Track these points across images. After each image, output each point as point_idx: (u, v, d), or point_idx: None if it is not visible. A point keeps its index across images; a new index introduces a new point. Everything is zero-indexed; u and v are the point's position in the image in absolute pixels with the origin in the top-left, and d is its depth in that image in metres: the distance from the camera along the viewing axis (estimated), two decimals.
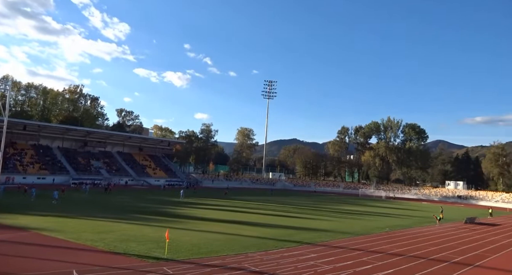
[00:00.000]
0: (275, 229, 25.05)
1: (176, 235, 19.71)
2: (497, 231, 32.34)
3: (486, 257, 19.62)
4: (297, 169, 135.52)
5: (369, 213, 41.69)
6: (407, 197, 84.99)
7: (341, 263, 15.88)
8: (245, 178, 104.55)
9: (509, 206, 67.46)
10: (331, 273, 14.14)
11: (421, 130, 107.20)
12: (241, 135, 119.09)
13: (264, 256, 16.48)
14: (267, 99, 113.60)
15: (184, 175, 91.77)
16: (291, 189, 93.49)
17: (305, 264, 15.43)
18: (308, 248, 19.16)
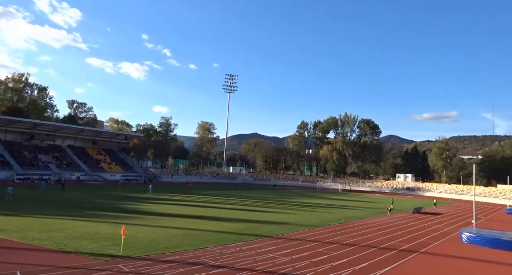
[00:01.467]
0: (236, 223, 25.14)
1: (133, 231, 19.09)
2: (440, 219, 35.01)
3: (429, 244, 21.20)
4: (257, 163, 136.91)
5: (326, 206, 43.21)
6: (361, 189, 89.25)
7: (298, 255, 16.32)
8: (205, 172, 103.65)
9: (451, 197, 73.36)
10: (288, 264, 14.49)
11: (375, 126, 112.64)
12: (201, 129, 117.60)
13: (223, 250, 16.49)
14: (228, 93, 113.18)
15: (141, 170, 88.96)
16: (252, 183, 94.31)
17: (264, 256, 15.66)
18: (267, 241, 19.47)
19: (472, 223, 27.80)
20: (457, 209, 48.00)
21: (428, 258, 17.65)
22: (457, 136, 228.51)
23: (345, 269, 14.25)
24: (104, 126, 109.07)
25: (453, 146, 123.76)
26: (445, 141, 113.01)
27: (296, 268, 14.02)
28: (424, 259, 17.35)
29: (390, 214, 35.74)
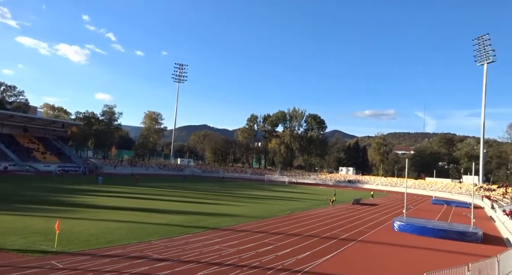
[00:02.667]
0: (182, 216, 24.69)
1: (70, 226, 17.86)
2: (376, 210, 37.72)
3: (366, 233, 22.76)
4: (206, 155, 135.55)
5: (273, 198, 44.26)
6: (307, 182, 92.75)
7: (245, 246, 16.53)
8: (151, 164, 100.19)
9: (386, 189, 79.37)
10: (234, 255, 14.61)
11: (321, 121, 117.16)
12: (148, 119, 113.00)
13: (169, 243, 16.12)
14: (177, 83, 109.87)
15: (81, 160, 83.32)
16: (200, 175, 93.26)
17: (210, 248, 15.61)
18: (214, 233, 19.42)
19: (403, 212, 30.34)
20: (391, 200, 52.04)
21: (364, 245, 18.93)
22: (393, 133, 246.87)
23: (289, 258, 14.74)
24: (37, 113, 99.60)
25: (389, 142, 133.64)
26: (383, 137, 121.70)
27: (242, 259, 14.18)
28: (361, 246, 18.58)
29: (333, 205, 37.65)
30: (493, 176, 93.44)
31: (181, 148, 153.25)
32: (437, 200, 53.31)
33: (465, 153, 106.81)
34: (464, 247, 19.99)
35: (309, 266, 13.79)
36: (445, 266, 10.94)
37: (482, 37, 74.51)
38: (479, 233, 22.87)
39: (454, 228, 23.92)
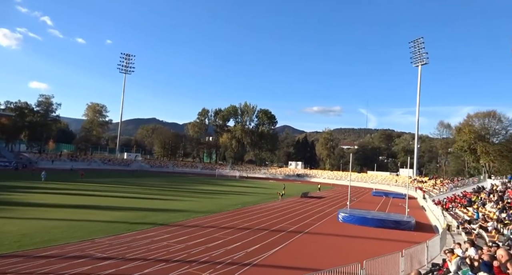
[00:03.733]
0: (129, 212, 23.68)
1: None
2: (322, 202, 39.45)
3: (313, 225, 23.72)
4: (155, 150, 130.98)
5: (224, 192, 44.21)
6: (257, 176, 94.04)
7: (194, 241, 16.34)
8: (95, 158, 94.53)
9: (332, 182, 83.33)
10: (183, 251, 14.38)
11: (272, 116, 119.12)
12: (91, 111, 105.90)
13: (114, 241, 15.39)
14: (124, 74, 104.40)
15: (12, 155, 75.99)
16: (148, 170, 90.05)
17: (158, 245, 15.20)
18: (162, 229, 18.92)
19: (347, 204, 32.09)
20: (336, 193, 54.77)
21: (310, 237, 19.72)
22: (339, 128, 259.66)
23: (239, 251, 14.87)
24: None
25: (336, 137, 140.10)
26: (329, 133, 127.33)
27: (191, 254, 14.01)
28: (307, 238, 19.33)
29: (282, 199, 38.62)
30: (425, 169, 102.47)
31: (128, 142, 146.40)
32: (377, 192, 57.23)
33: (402, 148, 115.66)
34: (399, 235, 21.72)
35: (258, 259, 14.03)
36: (382, 253, 11.77)
37: (417, 40, 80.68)
38: (412, 221, 25.00)
39: (391, 218, 25.87)
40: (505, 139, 65.52)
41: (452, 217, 24.78)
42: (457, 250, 10.39)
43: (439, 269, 10.54)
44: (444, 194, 41.97)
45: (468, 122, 68.87)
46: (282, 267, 13.35)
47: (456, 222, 21.93)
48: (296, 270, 12.83)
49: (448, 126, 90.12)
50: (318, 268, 9.85)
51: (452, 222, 22.35)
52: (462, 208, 27.83)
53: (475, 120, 68.60)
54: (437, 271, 10.40)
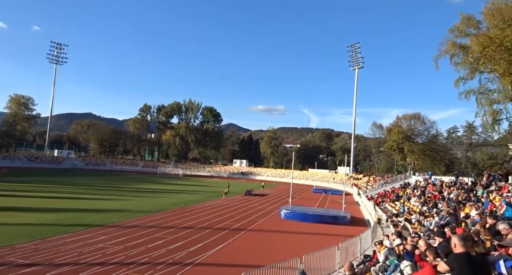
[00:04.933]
0: (60, 213, 21.83)
1: None
2: (266, 200, 40.23)
3: (256, 222, 24.09)
4: (91, 147, 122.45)
5: (167, 191, 42.91)
6: (202, 174, 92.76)
7: (133, 242, 15.62)
8: (19, 155, 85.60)
9: (276, 179, 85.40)
10: (121, 253, 13.66)
11: (217, 114, 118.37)
12: (15, 104, 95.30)
13: (40, 245, 14.09)
14: (55, 65, 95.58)
15: None
16: (84, 168, 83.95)
17: (93, 247, 14.25)
18: (98, 230, 17.78)
19: (289, 201, 33.13)
20: (279, 190, 56.23)
21: (253, 234, 20.01)
22: (283, 127, 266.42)
23: (181, 251, 14.55)
24: None
25: (279, 136, 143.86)
26: (273, 131, 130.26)
27: (130, 255, 13.37)
28: (250, 235, 19.58)
29: (226, 197, 38.60)
30: (360, 167, 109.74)
31: (60, 138, 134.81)
32: (317, 189, 59.94)
33: (340, 147, 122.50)
34: (337, 229, 22.99)
35: (201, 257, 13.87)
36: (320, 247, 12.36)
37: (354, 45, 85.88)
38: (348, 216, 26.64)
39: (329, 213, 27.30)
40: (427, 139, 72.76)
41: (382, 211, 26.90)
42: (386, 241, 11.28)
43: (370, 260, 11.36)
44: (376, 190, 45.37)
45: (397, 123, 75.16)
46: (224, 265, 13.35)
47: (385, 215, 23.82)
48: (238, 267, 12.90)
49: (380, 127, 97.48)
50: (260, 264, 10.01)
51: (382, 216, 24.25)
52: (391, 202, 30.31)
53: (403, 122, 75.11)
54: (368, 262, 11.19)
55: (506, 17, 24.53)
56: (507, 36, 23.81)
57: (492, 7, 26.34)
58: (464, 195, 19.19)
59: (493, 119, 30.45)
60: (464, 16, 30.29)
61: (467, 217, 11.76)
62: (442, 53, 32.08)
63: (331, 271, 11.49)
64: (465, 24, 30.16)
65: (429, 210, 18.54)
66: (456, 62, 31.51)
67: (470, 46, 28.93)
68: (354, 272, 7.19)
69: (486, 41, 25.02)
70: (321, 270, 11.01)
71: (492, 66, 26.61)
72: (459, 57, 31.24)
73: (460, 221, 11.59)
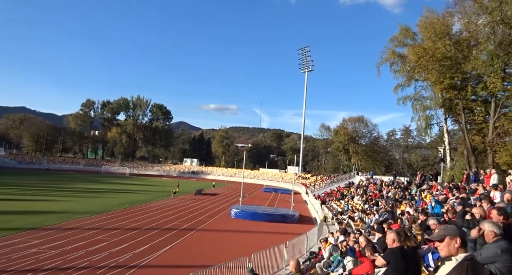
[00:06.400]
0: None
1: None
2: (216, 199, 39.98)
3: (206, 221, 23.84)
4: (24, 143, 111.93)
5: (111, 190, 40.77)
6: (150, 173, 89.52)
7: (72, 246, 14.62)
8: None
9: (227, 179, 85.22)
10: (57, 258, 12.71)
11: (167, 111, 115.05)
12: None
13: None
14: None
15: None
16: (16, 167, 76.58)
17: (24, 253, 13.08)
18: (31, 234, 16.36)
19: (240, 201, 33.27)
20: (230, 190, 56.19)
21: (203, 233, 19.78)
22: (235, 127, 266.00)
23: (125, 253, 13.91)
24: None
25: (231, 135, 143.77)
26: (225, 130, 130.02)
27: (68, 260, 12.49)
28: (200, 235, 19.34)
29: (175, 196, 37.67)
30: (308, 167, 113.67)
31: None
32: (267, 188, 60.99)
33: (290, 147, 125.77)
34: (285, 228, 23.56)
35: (147, 259, 13.39)
36: (270, 245, 12.59)
37: (304, 48, 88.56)
38: (296, 215, 27.46)
39: (279, 212, 27.93)
40: (370, 141, 77.64)
41: (328, 209, 28.13)
42: (330, 238, 11.83)
43: (315, 256, 11.82)
44: (323, 189, 47.33)
45: (343, 125, 79.23)
46: (171, 266, 13.04)
47: (331, 213, 24.95)
48: (187, 267, 12.64)
49: (328, 128, 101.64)
50: (209, 264, 9.92)
51: (328, 214, 25.37)
52: (336, 201, 31.83)
53: (348, 124, 79.35)
54: (313, 258, 11.64)
55: (437, 31, 26.99)
56: (438, 48, 26.26)
57: (426, 21, 28.86)
58: (400, 194, 20.76)
59: (426, 124, 33.39)
60: (402, 27, 32.84)
61: (403, 213, 12.74)
62: (383, 60, 34.51)
63: (278, 268, 11.76)
64: (403, 35, 32.77)
65: (370, 208, 19.77)
66: (395, 70, 34.09)
67: (407, 55, 31.44)
68: (300, 269, 7.42)
69: (421, 51, 27.39)
70: (269, 268, 11.21)
71: (425, 75, 29.17)
72: (398, 65, 33.84)
73: (397, 218, 12.52)
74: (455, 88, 27.85)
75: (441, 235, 2.54)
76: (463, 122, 28.54)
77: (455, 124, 33.35)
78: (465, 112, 28.64)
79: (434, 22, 27.75)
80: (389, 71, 34.50)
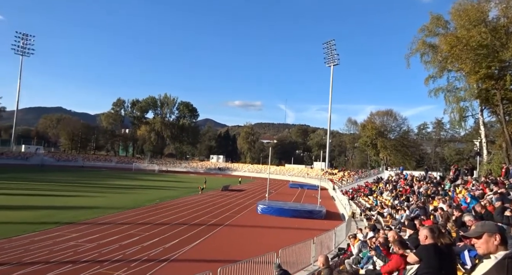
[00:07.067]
0: (27, 211, 20.95)
1: None
2: (243, 195, 40.32)
3: (233, 217, 24.11)
4: (61, 142, 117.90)
5: (142, 187, 42.11)
6: (178, 170, 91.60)
7: (106, 239, 15.26)
8: None
9: (253, 175, 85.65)
10: (94, 251, 13.32)
11: (194, 109, 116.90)
12: None
13: (5, 245, 13.49)
14: (21, 56, 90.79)
15: None
16: (54, 165, 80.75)
17: (63, 245, 13.80)
18: (69, 228, 17.23)
19: (266, 196, 33.37)
20: (256, 186, 56.48)
21: (230, 229, 20.02)
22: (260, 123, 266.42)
23: (156, 248, 14.35)
24: None
25: (256, 131, 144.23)
26: (250, 127, 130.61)
27: (103, 253, 13.06)
28: (227, 230, 19.59)
29: (202, 193, 38.35)
30: (335, 162, 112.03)
31: (27, 133, 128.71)
32: (293, 184, 60.74)
33: (316, 143, 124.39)
34: (312, 224, 23.39)
35: (176, 254, 13.74)
36: (296, 241, 12.55)
37: (329, 42, 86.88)
38: (323, 211, 27.18)
39: (305, 208, 27.75)
40: (399, 135, 75.29)
41: (356, 205, 27.63)
42: (359, 234, 11.62)
43: (344, 253, 11.66)
44: (351, 185, 46.50)
45: (371, 119, 77.24)
46: (200, 260, 13.31)
47: (359, 209, 24.49)
48: (215, 262, 12.86)
49: (355, 123, 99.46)
50: (236, 259, 10.05)
51: (356, 210, 24.92)
52: (364, 197, 31.19)
53: (376, 118, 77.27)
54: (342, 254, 11.49)
55: (471, 18, 25.60)
56: (473, 36, 24.89)
57: (459, 8, 27.41)
58: (432, 189, 20.02)
59: (460, 116, 31.89)
60: (433, 16, 31.38)
61: (435, 210, 12.29)
62: (413, 51, 33.18)
63: (306, 264, 11.70)
64: (434, 24, 31.29)
65: (400, 204, 19.23)
66: (426, 61, 32.68)
67: (438, 45, 30.06)
68: (329, 265, 7.36)
69: (454, 40, 26.06)
70: (297, 263, 11.19)
71: (459, 65, 27.77)
72: (429, 55, 32.41)
73: (429, 214, 12.10)
74: (492, 78, 26.32)
75: (479, 232, 2.42)
76: (502, 114, 26.94)
77: (492, 115, 31.55)
78: (504, 103, 27.00)
79: (468, 9, 26.34)
80: (420, 62, 33.17)
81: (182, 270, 12.11)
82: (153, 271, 11.46)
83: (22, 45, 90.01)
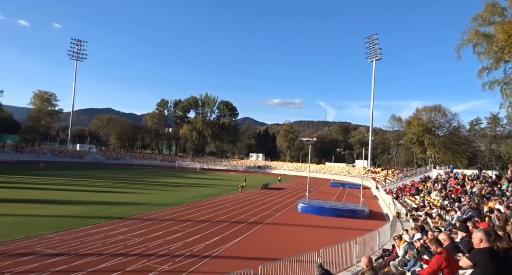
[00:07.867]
0: (82, 206, 22.54)
1: None
2: (282, 193, 40.25)
3: (273, 215, 24.15)
4: (111, 141, 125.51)
5: (184, 184, 43.57)
6: (218, 168, 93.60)
7: (152, 234, 15.98)
8: (44, 149, 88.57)
9: (292, 173, 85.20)
10: (141, 245, 14.01)
11: (233, 108, 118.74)
12: (39, 100, 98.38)
13: (65, 236, 14.61)
14: (75, 61, 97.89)
15: None
16: (105, 162, 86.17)
17: (114, 239, 14.67)
18: (119, 222, 18.28)
19: (306, 195, 33.04)
20: (296, 184, 56.13)
21: (270, 227, 20.08)
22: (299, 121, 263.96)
23: (198, 244, 14.78)
24: None
25: (296, 129, 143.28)
26: (290, 125, 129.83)
27: (150, 247, 13.69)
28: (267, 228, 19.67)
29: (242, 191, 38.85)
30: (378, 160, 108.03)
31: (81, 133, 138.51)
32: (334, 183, 59.51)
33: (358, 140, 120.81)
34: (354, 223, 22.78)
35: (218, 250, 14.05)
36: (338, 241, 12.29)
37: (371, 36, 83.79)
38: (366, 210, 26.34)
39: (347, 207, 27.06)
40: (449, 131, 70.80)
41: (401, 205, 26.43)
42: (405, 236, 11.11)
43: (389, 254, 11.22)
44: (395, 183, 44.62)
45: (417, 115, 73.36)
46: (241, 257, 13.48)
47: (405, 210, 23.42)
48: (256, 260, 12.98)
49: (399, 120, 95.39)
50: (277, 257, 10.06)
51: (401, 210, 23.85)
52: (410, 196, 29.77)
53: (423, 114, 73.25)
54: (387, 256, 11.06)
55: None
56: None
57: None
58: (488, 189, 18.63)
59: None
60: (488, 3, 29.05)
61: (491, 211, 11.42)
62: (464, 42, 30.97)
63: (349, 265, 11.42)
64: (489, 12, 28.96)
65: (450, 204, 18.12)
66: (479, 52, 30.36)
67: (494, 34, 27.83)
68: (373, 266, 7.13)
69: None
70: (339, 264, 10.96)
71: None
72: (483, 46, 30.08)
73: (483, 216, 11.27)
74: None
75: None
76: None
77: None
78: None
79: None
80: (472, 53, 30.82)
81: (223, 266, 12.35)
82: (196, 267, 11.81)
83: (77, 50, 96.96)
